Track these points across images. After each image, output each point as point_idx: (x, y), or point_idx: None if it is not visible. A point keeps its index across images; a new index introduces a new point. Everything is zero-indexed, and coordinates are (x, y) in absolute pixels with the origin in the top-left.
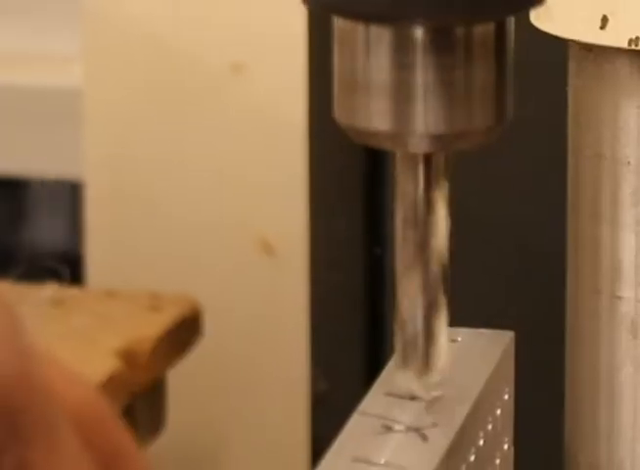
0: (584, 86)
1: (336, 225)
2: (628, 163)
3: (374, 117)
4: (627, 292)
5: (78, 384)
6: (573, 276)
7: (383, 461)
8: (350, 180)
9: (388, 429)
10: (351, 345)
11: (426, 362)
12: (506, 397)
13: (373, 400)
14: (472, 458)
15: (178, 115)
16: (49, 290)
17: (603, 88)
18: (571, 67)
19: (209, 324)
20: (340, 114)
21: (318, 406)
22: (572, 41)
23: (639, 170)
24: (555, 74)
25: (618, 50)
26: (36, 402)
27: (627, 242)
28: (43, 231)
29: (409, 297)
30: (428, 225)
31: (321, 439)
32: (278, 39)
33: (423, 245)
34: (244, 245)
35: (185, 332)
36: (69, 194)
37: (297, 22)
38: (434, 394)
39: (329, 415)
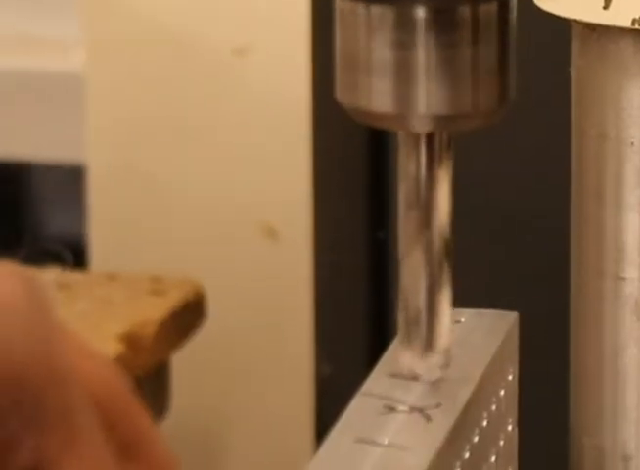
0: (588, 66)
1: (339, 208)
2: (632, 143)
3: (375, 97)
4: (631, 273)
5: (97, 361)
6: (577, 257)
7: (386, 442)
8: (354, 163)
9: (392, 409)
10: (355, 329)
11: (429, 340)
12: (510, 377)
13: (376, 381)
14: (475, 439)
15: (181, 99)
16: (52, 274)
17: (607, 68)
18: (575, 47)
19: (213, 308)
20: (341, 94)
21: (322, 390)
22: (576, 21)
23: None
24: (558, 55)
25: (622, 30)
26: (57, 387)
27: (631, 223)
28: (46, 216)
29: (412, 274)
30: (430, 205)
31: (325, 422)
32: (281, 22)
33: (425, 223)
34: (247, 228)
35: (188, 316)
36: (72, 178)
37: (300, 4)
38: (438, 374)
39: (333, 398)
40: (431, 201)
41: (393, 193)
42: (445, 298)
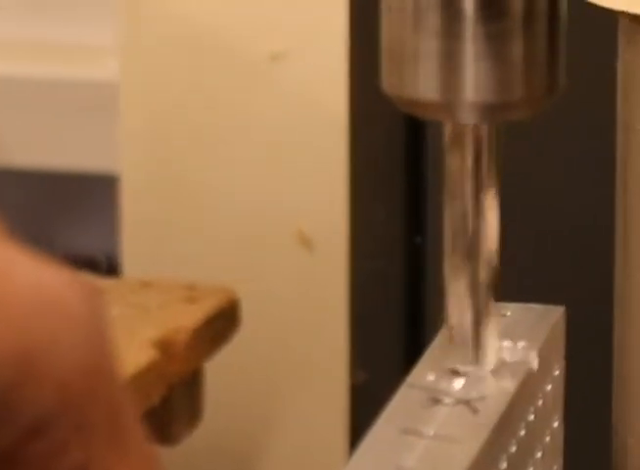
0: (634, 60)
1: (375, 215)
2: None
3: (422, 86)
4: None
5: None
6: (622, 253)
7: (432, 433)
8: (391, 169)
9: (437, 401)
10: (391, 335)
11: (474, 360)
12: (556, 372)
13: (421, 373)
14: (522, 433)
15: (216, 106)
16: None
17: None
18: (621, 40)
19: (247, 316)
20: (387, 83)
21: (357, 397)
22: (622, 13)
23: None
24: (604, 48)
25: None
26: (105, 390)
27: None
28: (79, 224)
29: (456, 293)
30: (476, 198)
31: (360, 429)
32: (318, 27)
33: (472, 217)
34: (281, 235)
35: (222, 323)
36: (105, 186)
37: (337, 8)
38: (484, 373)
39: (368, 406)
40: (477, 194)
41: (431, 198)
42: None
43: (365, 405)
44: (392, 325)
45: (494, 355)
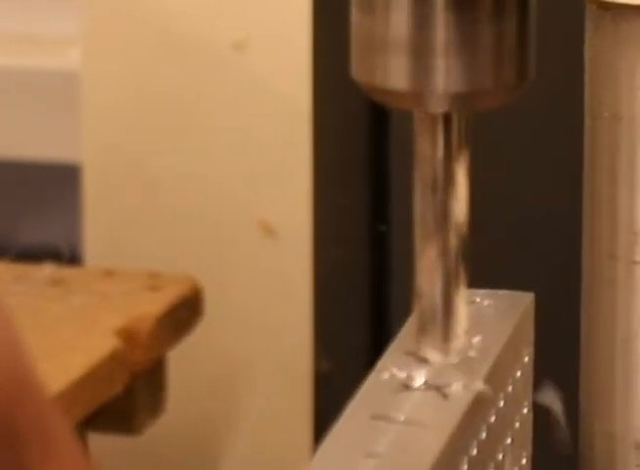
0: (601, 46)
1: (340, 203)
2: None
3: (393, 75)
4: None
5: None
6: (589, 241)
7: (402, 418)
8: (354, 157)
9: (407, 387)
10: (355, 324)
11: (444, 335)
12: (526, 359)
13: (391, 359)
14: (492, 419)
15: (179, 95)
16: (47, 269)
17: (620, 48)
18: (589, 26)
19: (210, 304)
20: (358, 72)
21: (321, 386)
22: (590, 0)
23: None
24: (572, 34)
25: (636, 9)
26: (27, 399)
27: None
28: (42, 214)
29: (427, 269)
30: (448, 188)
31: (324, 418)
32: (280, 15)
33: (442, 208)
34: (245, 224)
35: (185, 312)
36: (69, 176)
37: None
38: (454, 360)
39: (332, 394)
40: (448, 184)
41: (395, 186)
42: (461, 292)
43: (329, 394)
44: (356, 314)
45: (464, 342)
